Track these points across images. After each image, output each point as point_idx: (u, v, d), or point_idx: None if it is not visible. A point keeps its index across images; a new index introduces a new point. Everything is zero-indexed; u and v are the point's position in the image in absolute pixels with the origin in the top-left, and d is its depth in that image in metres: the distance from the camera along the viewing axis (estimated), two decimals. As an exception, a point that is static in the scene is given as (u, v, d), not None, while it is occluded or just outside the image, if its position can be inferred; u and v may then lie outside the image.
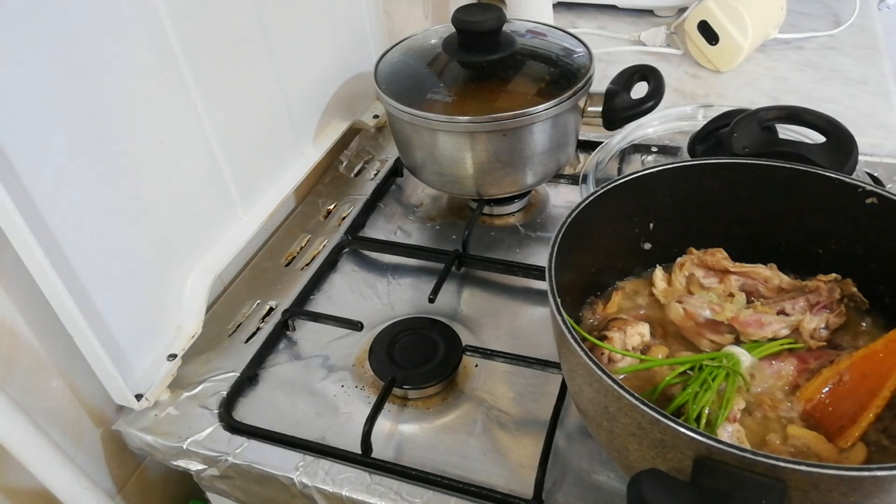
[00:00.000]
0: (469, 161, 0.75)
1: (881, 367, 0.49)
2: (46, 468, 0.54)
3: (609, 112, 0.77)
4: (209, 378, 0.68)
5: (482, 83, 0.75)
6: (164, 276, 0.67)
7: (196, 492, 0.74)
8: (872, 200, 0.54)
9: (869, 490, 0.38)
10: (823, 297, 0.56)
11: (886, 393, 0.47)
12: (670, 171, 0.59)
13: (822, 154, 0.63)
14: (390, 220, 0.86)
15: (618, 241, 0.61)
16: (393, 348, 0.67)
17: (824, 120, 0.64)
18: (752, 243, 0.62)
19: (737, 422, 0.48)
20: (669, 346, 0.57)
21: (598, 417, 0.47)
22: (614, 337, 0.55)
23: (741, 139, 0.65)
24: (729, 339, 0.56)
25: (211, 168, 0.71)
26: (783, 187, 0.58)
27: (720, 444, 0.39)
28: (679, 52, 1.14)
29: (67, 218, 0.55)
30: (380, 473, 0.58)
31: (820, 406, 0.50)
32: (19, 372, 0.57)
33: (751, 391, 0.52)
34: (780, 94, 1.01)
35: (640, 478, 0.39)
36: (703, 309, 0.56)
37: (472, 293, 0.75)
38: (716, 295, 0.58)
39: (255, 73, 0.76)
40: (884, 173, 0.83)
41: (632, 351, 0.54)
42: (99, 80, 0.56)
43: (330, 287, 0.78)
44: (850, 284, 0.57)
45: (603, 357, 0.54)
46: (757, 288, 0.59)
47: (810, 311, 0.55)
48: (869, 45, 1.12)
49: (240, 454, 0.61)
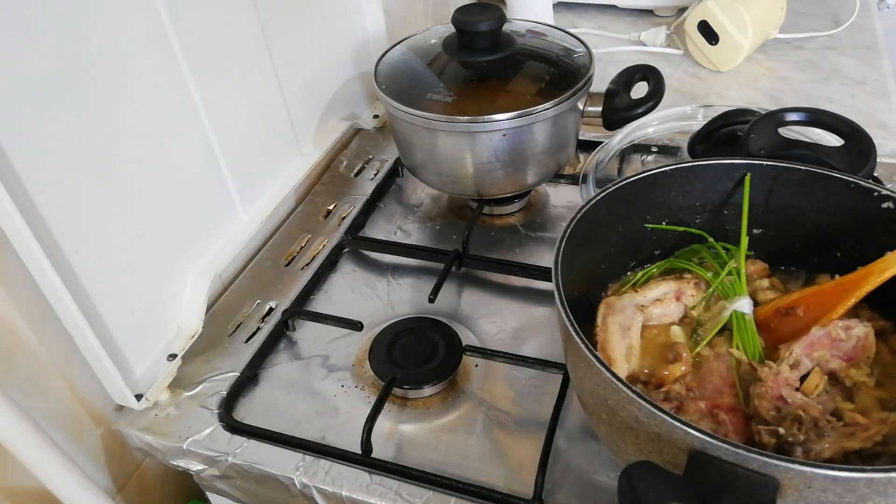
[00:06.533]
0: (469, 161, 0.75)
1: (824, 305, 0.55)
2: (46, 468, 0.54)
3: (609, 112, 0.77)
4: (209, 378, 0.68)
5: (482, 83, 0.75)
6: (164, 276, 0.67)
7: (196, 492, 0.74)
8: (889, 205, 0.54)
9: (863, 492, 0.38)
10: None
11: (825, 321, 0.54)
12: (684, 169, 0.59)
13: (838, 157, 0.62)
14: (390, 220, 0.86)
15: (626, 238, 0.61)
16: (393, 348, 0.67)
17: (844, 123, 0.64)
18: (766, 244, 0.62)
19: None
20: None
21: (598, 410, 0.47)
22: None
23: (758, 140, 0.65)
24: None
25: (211, 168, 0.71)
26: (798, 189, 0.58)
27: (715, 439, 0.39)
28: (679, 52, 1.15)
29: (67, 218, 0.55)
30: (380, 473, 0.58)
31: (765, 324, 0.57)
32: (19, 372, 0.57)
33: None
34: (780, 94, 1.01)
35: (632, 469, 0.39)
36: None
37: (472, 293, 0.75)
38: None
39: (255, 73, 0.76)
40: (884, 173, 0.83)
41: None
42: (99, 80, 0.56)
43: (330, 287, 0.78)
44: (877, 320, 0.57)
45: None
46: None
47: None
48: (869, 45, 1.12)
49: (240, 454, 0.61)
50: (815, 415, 0.48)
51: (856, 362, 0.53)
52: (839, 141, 0.64)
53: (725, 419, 0.49)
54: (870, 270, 0.53)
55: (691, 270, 0.61)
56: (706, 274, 0.60)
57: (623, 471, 0.39)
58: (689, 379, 0.53)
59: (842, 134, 0.64)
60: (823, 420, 0.48)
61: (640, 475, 0.39)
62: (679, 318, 0.59)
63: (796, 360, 0.52)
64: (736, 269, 0.59)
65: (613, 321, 0.56)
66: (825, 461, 0.46)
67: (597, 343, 0.55)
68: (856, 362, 0.53)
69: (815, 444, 0.46)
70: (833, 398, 0.50)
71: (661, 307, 0.58)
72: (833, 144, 0.66)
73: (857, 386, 0.52)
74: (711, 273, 0.60)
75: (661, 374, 0.53)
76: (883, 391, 0.52)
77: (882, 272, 0.53)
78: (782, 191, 0.59)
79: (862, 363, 0.53)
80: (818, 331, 0.53)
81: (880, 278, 0.53)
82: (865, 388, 0.52)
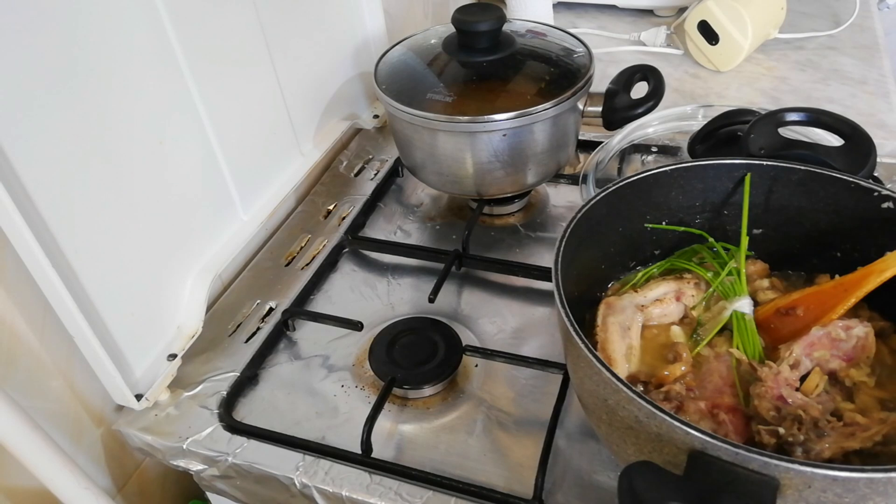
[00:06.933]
0: (469, 161, 0.75)
1: (824, 305, 0.55)
2: (46, 468, 0.54)
3: (609, 112, 0.77)
4: (209, 378, 0.68)
5: (482, 83, 0.75)
6: (164, 276, 0.67)
7: (196, 492, 0.74)
8: (889, 205, 0.54)
9: (863, 492, 0.38)
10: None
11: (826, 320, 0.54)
12: (684, 169, 0.59)
13: (839, 157, 0.62)
14: (390, 220, 0.86)
15: (626, 238, 0.61)
16: (393, 348, 0.67)
17: (844, 123, 0.64)
18: (766, 244, 0.62)
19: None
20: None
21: (598, 410, 0.47)
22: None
23: (758, 140, 0.65)
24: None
25: (211, 168, 0.71)
26: (798, 189, 0.58)
27: (714, 439, 0.39)
28: (679, 52, 1.15)
29: (67, 218, 0.55)
30: (380, 473, 0.58)
31: (765, 324, 0.57)
32: (19, 372, 0.57)
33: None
34: (780, 94, 1.01)
35: (632, 469, 0.39)
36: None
37: (472, 293, 0.75)
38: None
39: (255, 73, 0.76)
40: (884, 173, 0.83)
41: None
42: (99, 80, 0.56)
43: (330, 287, 0.78)
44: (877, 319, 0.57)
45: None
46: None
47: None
48: (869, 45, 1.12)
49: (240, 454, 0.61)
50: (815, 415, 0.48)
51: (856, 362, 0.53)
52: (839, 141, 0.64)
53: (725, 419, 0.49)
54: (870, 270, 0.53)
55: (691, 270, 0.61)
56: (706, 274, 0.60)
57: (623, 471, 0.39)
58: (689, 379, 0.53)
59: (842, 134, 0.64)
60: (823, 420, 0.48)
61: (640, 475, 0.39)
62: (679, 318, 0.59)
63: (796, 360, 0.52)
64: (736, 269, 0.59)
65: (613, 321, 0.56)
66: (825, 461, 0.46)
67: (597, 343, 0.55)
68: (856, 362, 0.53)
69: (815, 444, 0.46)
70: (833, 398, 0.50)
71: (661, 307, 0.58)
72: (833, 144, 0.66)
73: (857, 386, 0.52)
74: (711, 273, 0.60)
75: (661, 374, 0.53)
76: (883, 391, 0.52)
77: (882, 272, 0.53)
78: (782, 191, 0.59)
79: (862, 363, 0.53)
80: (818, 331, 0.53)
81: (880, 278, 0.53)
82: (865, 388, 0.52)
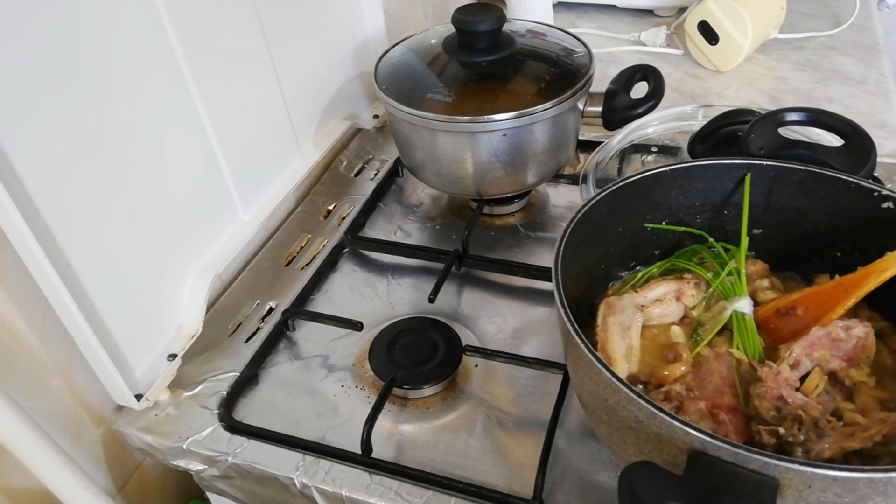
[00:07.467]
0: (469, 161, 0.75)
1: (824, 305, 0.55)
2: (46, 468, 0.54)
3: (609, 112, 0.77)
4: (209, 378, 0.68)
5: (482, 83, 0.75)
6: (164, 275, 0.67)
7: (196, 492, 0.74)
8: (889, 205, 0.54)
9: (863, 492, 0.38)
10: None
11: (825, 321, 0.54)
12: (684, 169, 0.59)
13: (839, 157, 0.62)
14: (390, 220, 0.86)
15: (626, 238, 0.61)
16: (393, 348, 0.67)
17: (844, 123, 0.64)
18: (766, 244, 0.62)
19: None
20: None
21: (598, 410, 0.47)
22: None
23: (758, 140, 0.65)
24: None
25: (211, 168, 0.71)
26: (798, 189, 0.58)
27: (714, 439, 0.39)
28: (679, 52, 1.15)
29: (67, 218, 0.55)
30: (380, 473, 0.58)
31: (765, 324, 0.57)
32: (19, 372, 0.57)
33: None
34: (780, 94, 1.01)
35: (632, 469, 0.39)
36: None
37: (472, 293, 0.75)
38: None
39: (255, 73, 0.76)
40: (884, 173, 0.83)
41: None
42: (99, 79, 0.56)
43: (330, 287, 0.78)
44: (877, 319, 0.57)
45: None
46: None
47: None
48: (869, 45, 1.12)
49: (240, 454, 0.61)
50: (815, 415, 0.48)
51: (856, 362, 0.53)
52: (839, 141, 0.64)
53: (725, 419, 0.49)
54: (870, 270, 0.53)
55: (691, 270, 0.61)
56: (706, 274, 0.60)
57: (623, 471, 0.39)
58: (689, 379, 0.53)
59: (842, 134, 0.64)
60: (823, 420, 0.48)
61: (640, 475, 0.39)
62: (679, 318, 0.59)
63: (796, 360, 0.52)
64: (736, 269, 0.59)
65: (613, 321, 0.56)
66: (825, 461, 0.46)
67: (597, 343, 0.55)
68: (856, 362, 0.53)
69: (815, 444, 0.46)
70: (833, 398, 0.50)
71: (662, 307, 0.58)
72: (833, 144, 0.66)
73: (857, 386, 0.52)
74: (711, 273, 0.60)
75: (661, 374, 0.53)
76: (883, 391, 0.52)
77: (882, 272, 0.53)
78: (782, 191, 0.59)
79: (862, 363, 0.53)
80: (818, 331, 0.53)
81: (880, 278, 0.53)
82: (865, 388, 0.52)
